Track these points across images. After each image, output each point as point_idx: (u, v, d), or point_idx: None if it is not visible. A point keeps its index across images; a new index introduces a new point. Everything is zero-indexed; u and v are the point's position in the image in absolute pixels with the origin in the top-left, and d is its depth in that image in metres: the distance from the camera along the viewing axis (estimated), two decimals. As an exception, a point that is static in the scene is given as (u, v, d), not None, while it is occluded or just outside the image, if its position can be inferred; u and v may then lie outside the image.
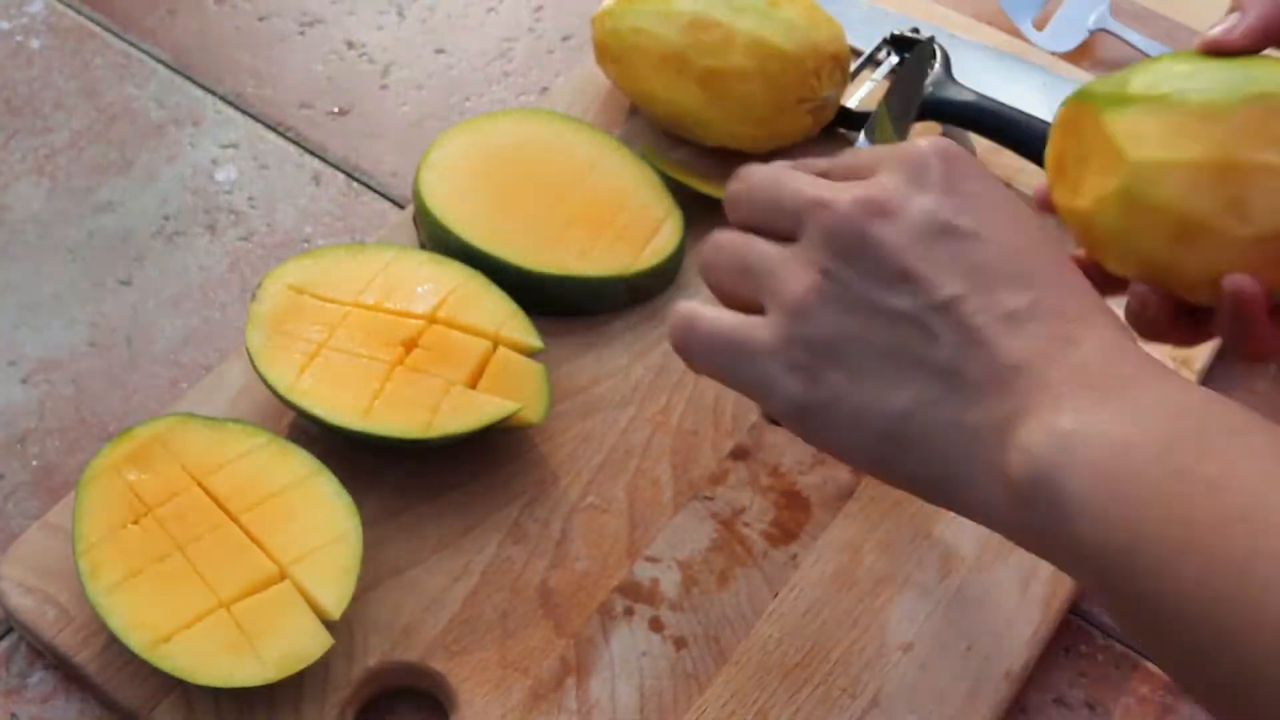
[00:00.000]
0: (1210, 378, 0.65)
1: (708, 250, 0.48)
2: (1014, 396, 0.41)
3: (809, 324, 0.44)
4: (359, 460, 0.59)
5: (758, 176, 0.48)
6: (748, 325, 0.45)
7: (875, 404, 0.43)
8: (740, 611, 0.56)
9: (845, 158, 0.48)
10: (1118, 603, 0.39)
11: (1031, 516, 0.40)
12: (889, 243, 0.43)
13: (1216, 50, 0.47)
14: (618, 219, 0.66)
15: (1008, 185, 0.58)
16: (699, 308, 0.47)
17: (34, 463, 0.62)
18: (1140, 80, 0.48)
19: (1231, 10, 0.48)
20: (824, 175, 0.47)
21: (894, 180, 0.44)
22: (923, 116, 0.72)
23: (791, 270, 0.45)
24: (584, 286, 0.64)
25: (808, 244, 0.45)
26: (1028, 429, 0.40)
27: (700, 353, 0.47)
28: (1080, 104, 0.49)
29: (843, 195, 0.44)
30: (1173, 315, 0.48)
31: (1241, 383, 0.66)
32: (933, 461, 0.42)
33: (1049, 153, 0.51)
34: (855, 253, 0.43)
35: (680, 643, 0.55)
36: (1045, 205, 0.52)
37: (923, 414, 0.42)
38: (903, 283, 0.43)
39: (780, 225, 0.46)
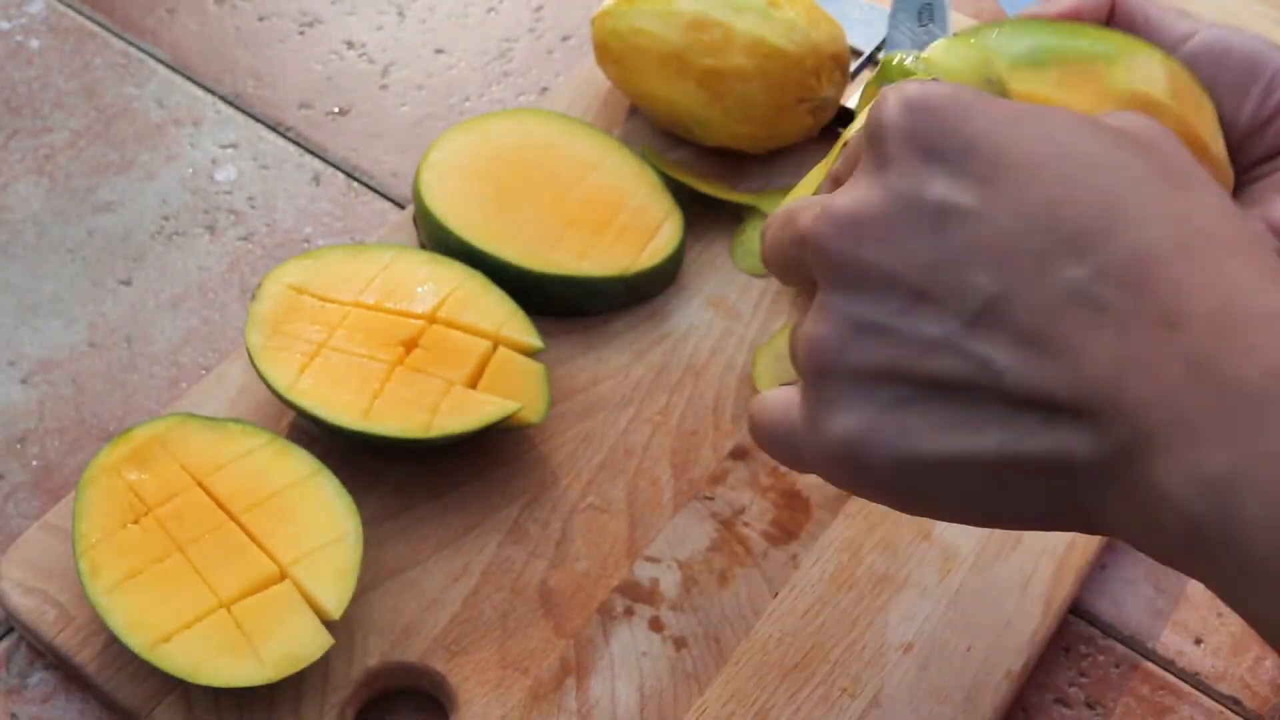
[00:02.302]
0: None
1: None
2: (1126, 420, 0.31)
3: (834, 384, 0.36)
4: (359, 460, 0.59)
5: (772, 222, 0.40)
6: (784, 405, 0.39)
7: (958, 456, 0.34)
8: (740, 611, 0.56)
9: (845, 149, 0.41)
10: None
11: (1193, 549, 0.31)
12: (883, 263, 0.34)
13: None
14: (618, 219, 0.66)
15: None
16: (761, 398, 0.40)
17: (34, 463, 0.62)
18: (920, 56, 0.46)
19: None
20: (837, 180, 0.40)
21: (865, 174, 0.36)
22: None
23: (810, 324, 0.36)
24: (584, 286, 0.64)
25: (821, 288, 0.36)
26: (1165, 471, 0.31)
27: (765, 448, 0.40)
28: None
29: (819, 220, 0.36)
30: None
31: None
32: (1054, 505, 0.34)
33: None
34: (854, 286, 0.35)
35: (680, 643, 0.55)
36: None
37: (1019, 456, 0.33)
38: (922, 305, 0.34)
39: (800, 273, 0.38)
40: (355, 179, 0.74)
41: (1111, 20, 0.49)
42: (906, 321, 0.34)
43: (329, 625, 0.52)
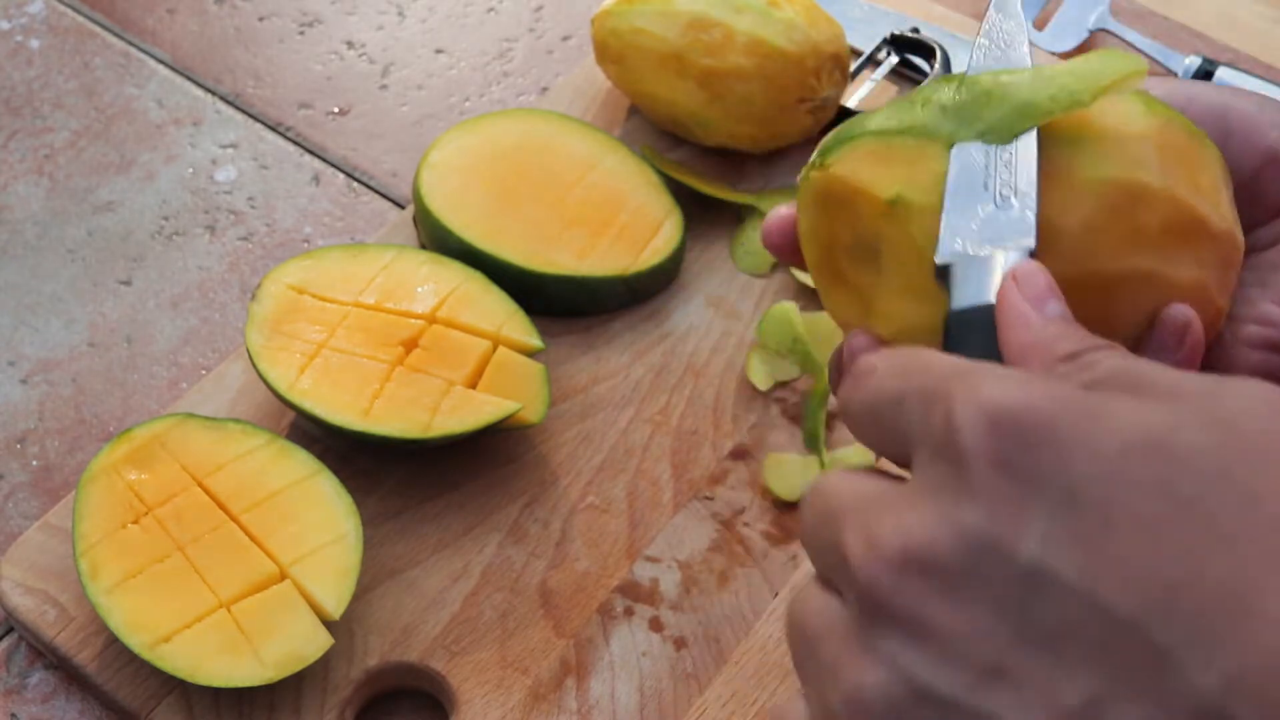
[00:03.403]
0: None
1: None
2: None
3: None
4: (359, 460, 0.59)
5: (812, 495, 0.32)
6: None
7: None
8: (740, 611, 0.56)
9: (884, 378, 0.32)
10: None
11: None
12: (956, 625, 0.28)
13: None
14: (618, 219, 0.66)
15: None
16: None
17: (34, 463, 0.62)
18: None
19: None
20: (871, 411, 0.32)
21: (935, 497, 0.29)
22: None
23: (852, 667, 0.29)
24: (584, 286, 0.64)
25: (858, 615, 0.30)
26: None
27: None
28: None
29: (872, 552, 0.29)
30: None
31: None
32: None
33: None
34: (914, 639, 0.28)
35: (680, 643, 0.55)
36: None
37: None
38: (1000, 686, 0.27)
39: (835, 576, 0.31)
40: (355, 179, 0.74)
41: None
42: (982, 699, 0.27)
43: (329, 625, 0.52)
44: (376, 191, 0.73)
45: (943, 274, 0.36)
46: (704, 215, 0.69)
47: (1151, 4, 0.83)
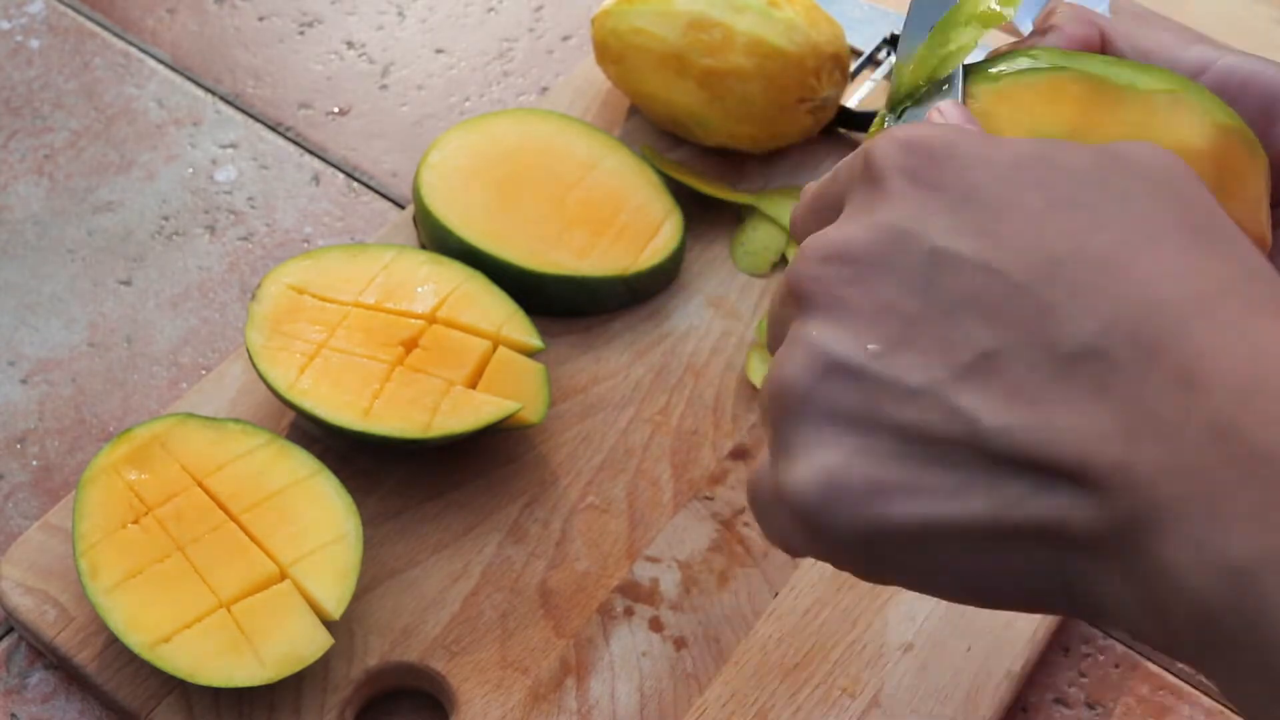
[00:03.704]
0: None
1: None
2: (1133, 490, 0.28)
3: (798, 429, 0.32)
4: (359, 460, 0.59)
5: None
6: (758, 467, 0.35)
7: (934, 522, 0.30)
8: (740, 611, 0.56)
9: (827, 177, 0.37)
10: None
11: (1206, 643, 0.28)
12: (867, 301, 0.31)
13: None
14: (618, 219, 0.66)
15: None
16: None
17: (34, 463, 0.62)
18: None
19: (1034, 33, 0.44)
20: (818, 200, 0.37)
21: (855, 209, 0.33)
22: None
23: (777, 363, 0.33)
24: (584, 286, 0.64)
25: (794, 323, 0.33)
26: (1178, 551, 0.27)
27: (757, 520, 0.35)
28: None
29: (801, 254, 0.33)
30: None
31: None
32: (1040, 583, 0.31)
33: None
34: (830, 321, 0.32)
35: (680, 643, 0.55)
36: None
37: (1005, 525, 0.30)
38: (905, 350, 0.31)
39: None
40: (355, 179, 0.74)
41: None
42: (886, 365, 0.31)
43: (329, 625, 0.52)
44: (376, 191, 0.73)
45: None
46: (704, 215, 0.69)
47: (1151, 4, 0.83)
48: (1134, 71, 0.40)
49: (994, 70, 0.42)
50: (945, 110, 0.37)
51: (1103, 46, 0.43)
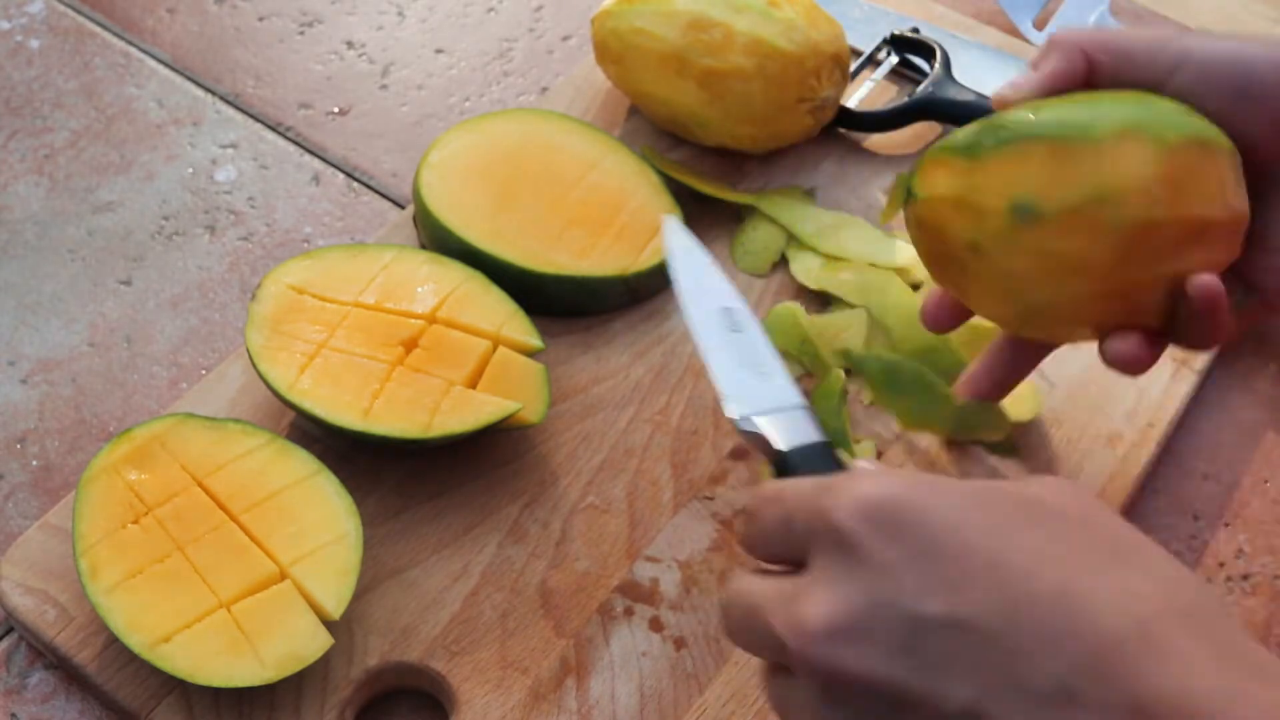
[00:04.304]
0: (1211, 378, 0.65)
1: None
2: None
3: None
4: (359, 460, 0.59)
5: (733, 595, 0.41)
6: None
7: None
8: (740, 611, 0.56)
9: (778, 516, 0.40)
10: None
11: None
12: (864, 671, 0.36)
13: (1004, 105, 0.50)
14: (618, 219, 0.66)
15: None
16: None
17: (34, 463, 0.62)
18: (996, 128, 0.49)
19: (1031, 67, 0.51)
20: (772, 538, 0.40)
21: (832, 577, 0.37)
22: (922, 116, 0.72)
23: (793, 708, 0.39)
24: (584, 286, 0.64)
25: (807, 686, 0.38)
26: None
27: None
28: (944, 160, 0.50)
29: (798, 632, 0.37)
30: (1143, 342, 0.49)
31: (1241, 383, 0.66)
32: None
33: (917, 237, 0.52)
34: (840, 696, 0.36)
35: (680, 643, 0.55)
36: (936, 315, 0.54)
37: None
38: (904, 705, 0.35)
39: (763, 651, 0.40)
40: (355, 179, 0.74)
41: (1093, 74, 0.51)
42: None
43: (329, 625, 0.52)
44: (376, 191, 0.73)
45: (748, 432, 0.47)
46: (704, 215, 0.69)
47: (1151, 4, 0.83)
48: (1092, 112, 0.48)
49: (970, 144, 0.49)
50: (863, 466, 0.41)
51: (1088, 71, 0.50)
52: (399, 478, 0.59)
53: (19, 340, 0.66)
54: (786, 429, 0.47)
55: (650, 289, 0.66)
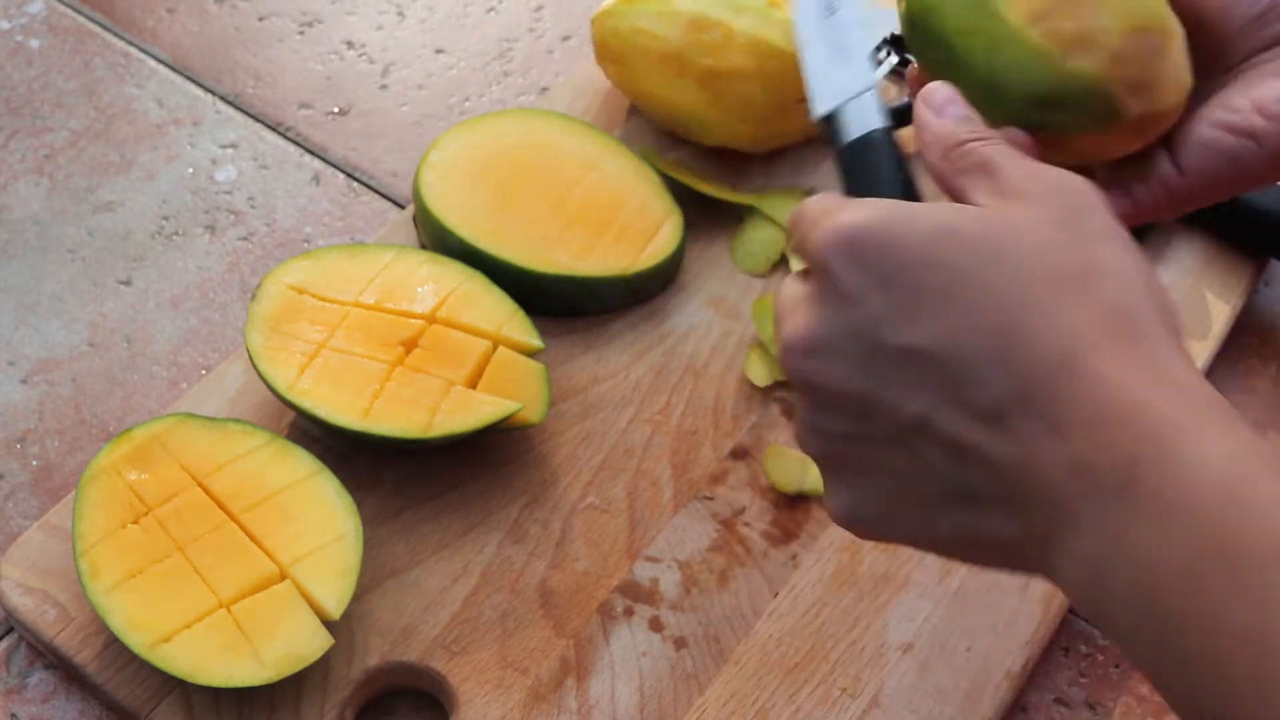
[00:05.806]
0: (1211, 378, 0.65)
1: None
2: (1031, 511, 0.38)
3: (825, 472, 0.43)
4: (359, 460, 0.59)
5: (778, 295, 0.46)
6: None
7: (923, 532, 0.41)
8: (740, 611, 0.56)
9: (794, 230, 0.45)
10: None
11: (1093, 616, 0.38)
12: (832, 384, 0.41)
13: None
14: (618, 219, 0.66)
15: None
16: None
17: (34, 463, 0.62)
18: None
19: None
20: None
21: (811, 301, 0.42)
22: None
23: (797, 428, 0.44)
24: (584, 286, 0.64)
25: (796, 393, 0.44)
26: (1057, 553, 0.38)
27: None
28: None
29: (784, 345, 0.42)
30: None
31: (1241, 383, 0.66)
32: (1016, 565, 0.41)
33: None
34: (815, 404, 0.42)
35: (680, 643, 0.55)
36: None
37: (970, 536, 0.40)
38: (868, 414, 0.40)
39: None
40: (355, 179, 0.74)
41: None
42: (860, 429, 0.41)
43: (329, 625, 0.52)
44: (376, 191, 0.73)
45: (827, 119, 0.51)
46: (704, 215, 0.69)
47: None
48: None
49: None
50: (928, 94, 0.46)
51: None
52: (399, 478, 0.59)
53: (19, 340, 0.66)
54: (852, 118, 0.51)
55: (650, 289, 0.66)
